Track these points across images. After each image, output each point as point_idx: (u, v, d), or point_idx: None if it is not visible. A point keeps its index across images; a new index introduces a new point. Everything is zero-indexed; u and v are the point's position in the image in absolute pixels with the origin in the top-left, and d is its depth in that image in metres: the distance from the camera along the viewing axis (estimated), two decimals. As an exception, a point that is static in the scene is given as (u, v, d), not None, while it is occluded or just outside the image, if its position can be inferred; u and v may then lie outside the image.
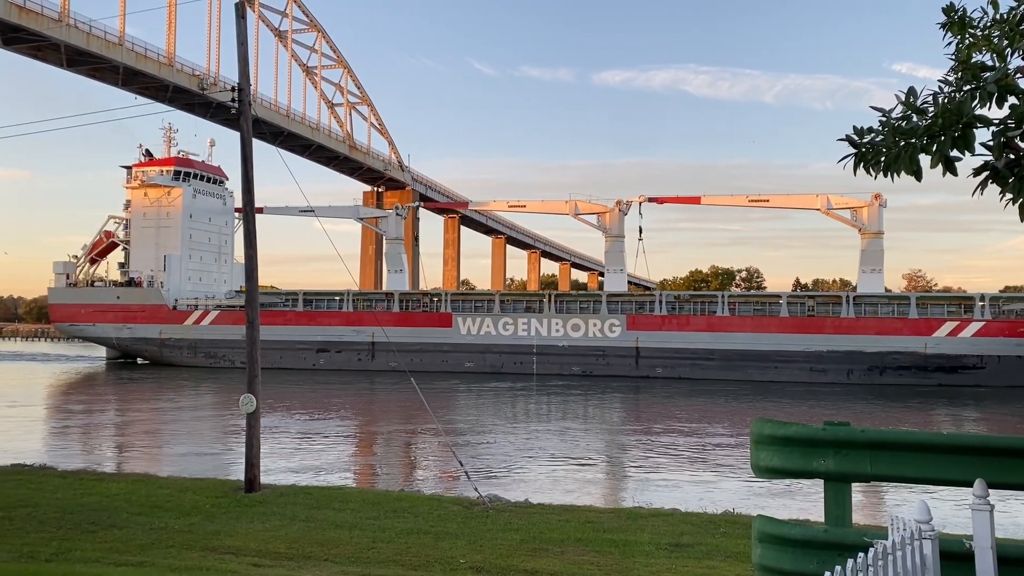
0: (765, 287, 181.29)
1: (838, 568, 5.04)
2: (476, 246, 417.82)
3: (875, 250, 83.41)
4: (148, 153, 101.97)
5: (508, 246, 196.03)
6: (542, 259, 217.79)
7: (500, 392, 63.35)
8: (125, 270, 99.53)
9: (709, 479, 27.72)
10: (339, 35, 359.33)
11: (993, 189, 5.60)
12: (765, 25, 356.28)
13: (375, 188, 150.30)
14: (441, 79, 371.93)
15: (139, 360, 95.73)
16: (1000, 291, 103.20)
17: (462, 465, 21.19)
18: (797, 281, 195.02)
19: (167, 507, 16.08)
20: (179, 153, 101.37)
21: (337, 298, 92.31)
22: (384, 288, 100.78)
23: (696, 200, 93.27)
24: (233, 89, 19.60)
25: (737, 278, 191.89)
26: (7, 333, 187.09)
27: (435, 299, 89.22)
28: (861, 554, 5.34)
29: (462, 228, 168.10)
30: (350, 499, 17.15)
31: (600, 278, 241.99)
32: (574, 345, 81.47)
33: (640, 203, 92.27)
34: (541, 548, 13.05)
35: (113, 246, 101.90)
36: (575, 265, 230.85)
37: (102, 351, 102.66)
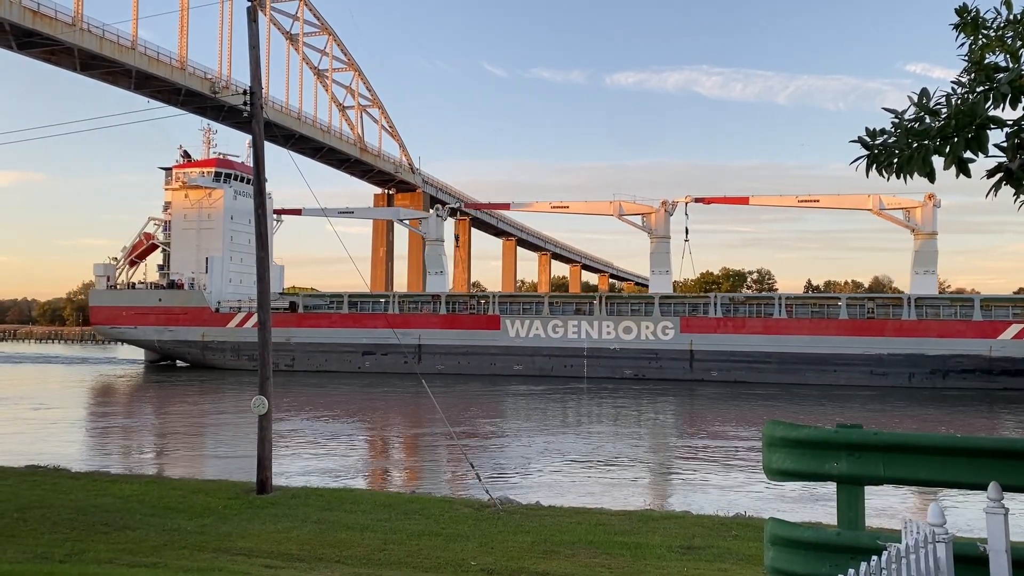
0: (776, 289, 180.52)
1: (851, 571, 5.02)
2: (486, 248, 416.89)
3: (929, 251, 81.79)
4: (186, 154, 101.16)
5: (519, 248, 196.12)
6: (553, 261, 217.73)
7: (549, 395, 62.32)
8: (165, 272, 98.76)
9: (746, 482, 27.42)
10: (351, 38, 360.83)
11: (1007, 191, 5.57)
12: (778, 26, 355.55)
13: (386, 191, 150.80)
14: (453, 81, 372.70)
15: (178, 363, 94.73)
16: (1015, 292, 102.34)
17: (473, 467, 21.21)
18: (809, 283, 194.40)
19: (180, 508, 16.16)
20: (218, 154, 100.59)
21: (383, 300, 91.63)
22: (426, 290, 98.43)
23: (744, 200, 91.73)
24: (245, 92, 19.70)
25: (748, 279, 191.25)
26: (21, 335, 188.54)
27: (482, 301, 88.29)
28: (874, 557, 5.32)
29: (472, 230, 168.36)
30: (361, 501, 17.19)
31: (611, 280, 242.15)
32: (626, 348, 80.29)
33: (686, 203, 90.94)
34: (552, 550, 13.04)
35: (153, 248, 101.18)
36: (586, 267, 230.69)
37: (127, 352, 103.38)
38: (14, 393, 59.43)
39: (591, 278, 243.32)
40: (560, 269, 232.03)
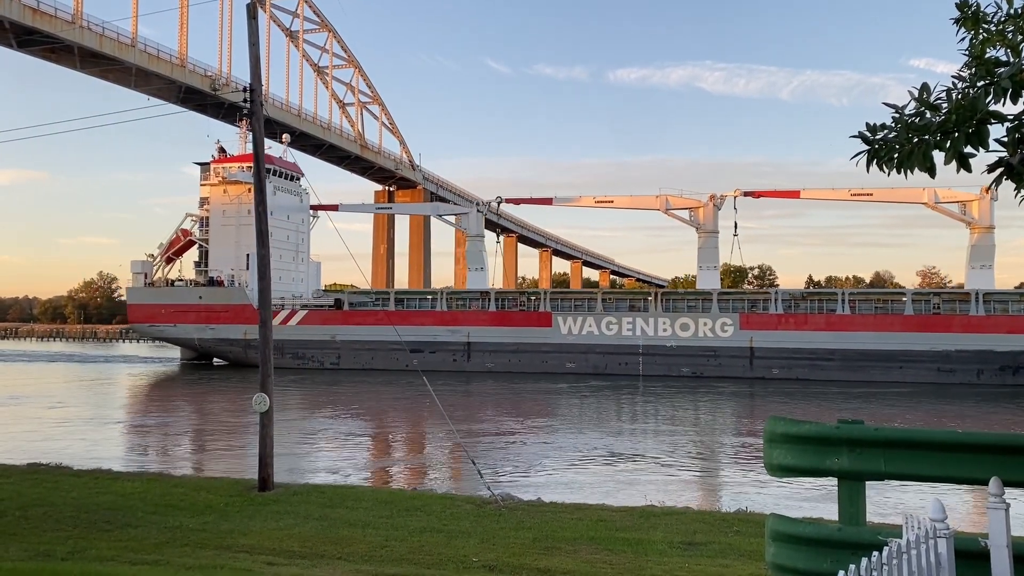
0: (778, 285, 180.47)
1: (852, 567, 5.01)
2: (487, 245, 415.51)
3: (986, 245, 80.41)
4: (222, 150, 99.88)
5: (519, 244, 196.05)
6: (554, 257, 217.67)
7: (603, 393, 61.35)
8: (202, 269, 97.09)
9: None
10: (352, 35, 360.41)
11: (1008, 185, 5.56)
12: (782, 21, 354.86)
13: (386, 187, 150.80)
14: (456, 78, 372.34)
15: (215, 361, 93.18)
16: (1016, 287, 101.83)
17: (474, 464, 21.21)
18: (810, 278, 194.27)
19: (181, 506, 16.17)
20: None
21: (430, 297, 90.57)
22: (468, 286, 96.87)
23: (795, 194, 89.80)
24: (245, 90, 19.68)
25: (750, 275, 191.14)
26: (23, 333, 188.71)
27: (533, 298, 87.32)
28: (875, 553, 5.32)
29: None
30: (363, 498, 17.20)
31: (612, 276, 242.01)
32: (683, 345, 78.85)
33: (735, 197, 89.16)
34: (554, 547, 13.05)
35: (190, 244, 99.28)
36: (586, 264, 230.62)
37: (129, 349, 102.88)
38: (93, 402, 56.84)
39: (592, 274, 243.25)
40: (560, 266, 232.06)
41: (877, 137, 5.50)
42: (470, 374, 79.12)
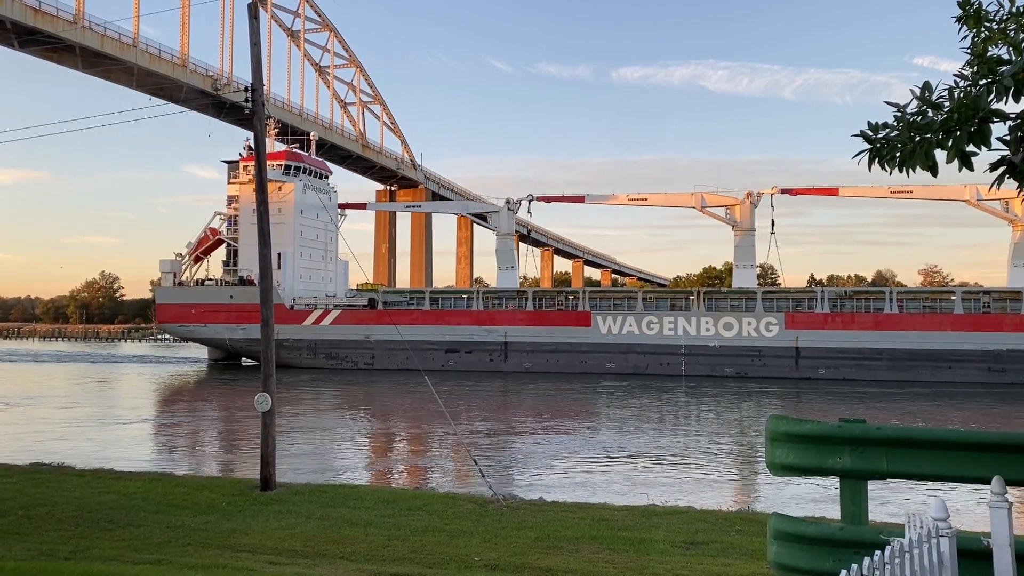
0: (780, 283, 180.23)
1: (854, 566, 5.01)
2: (489, 245, 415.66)
3: None
4: (251, 148, 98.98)
5: (520, 243, 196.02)
6: (555, 256, 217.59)
7: (644, 394, 60.57)
8: (230, 268, 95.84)
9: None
10: (355, 34, 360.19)
11: (1009, 183, 5.55)
12: (785, 19, 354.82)
13: (388, 187, 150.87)
14: (459, 77, 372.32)
15: (244, 361, 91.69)
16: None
17: (476, 463, 21.21)
18: (812, 277, 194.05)
19: (184, 505, 16.19)
20: (289, 147, 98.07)
21: (465, 296, 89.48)
22: (498, 285, 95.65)
23: (834, 191, 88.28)
24: (246, 89, 19.69)
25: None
26: (25, 333, 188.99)
27: (571, 297, 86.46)
28: (877, 552, 5.31)
29: (475, 227, 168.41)
30: (365, 497, 17.21)
31: (613, 275, 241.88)
32: (726, 345, 77.70)
33: (772, 195, 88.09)
34: (556, 546, 13.05)
35: (219, 243, 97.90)
36: (588, 263, 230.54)
37: (130, 350, 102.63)
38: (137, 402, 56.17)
39: (593, 274, 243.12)
40: (562, 265, 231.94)
41: (879, 136, 5.49)
42: (507, 374, 78.14)
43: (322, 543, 13.31)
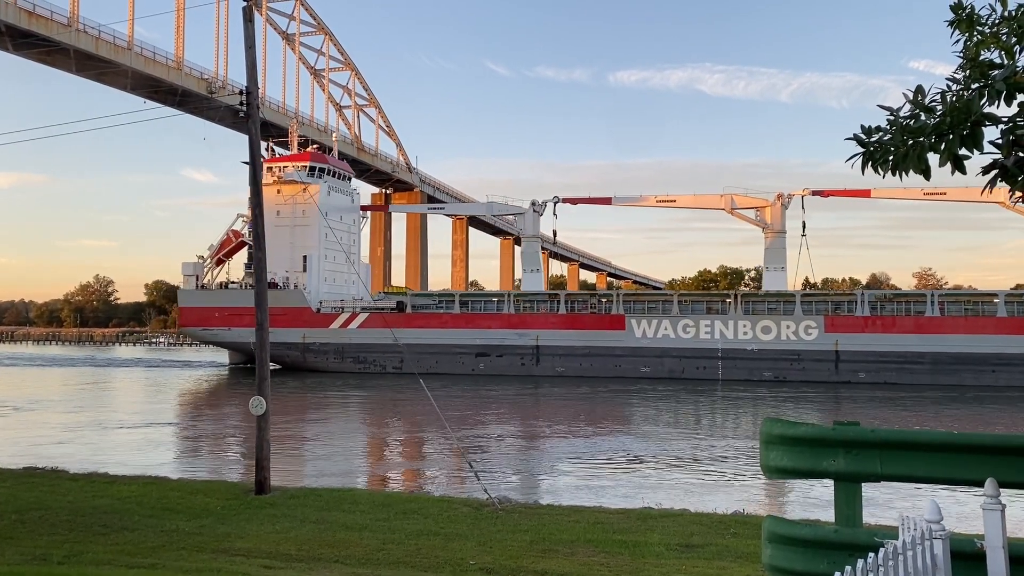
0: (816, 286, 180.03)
1: (848, 568, 5.02)
2: (485, 248, 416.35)
3: None
4: (273, 149, 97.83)
5: (516, 247, 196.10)
6: (551, 260, 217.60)
7: (681, 398, 59.98)
8: (251, 271, 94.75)
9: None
10: (351, 38, 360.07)
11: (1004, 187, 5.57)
12: (782, 23, 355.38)
13: (383, 190, 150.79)
14: (455, 80, 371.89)
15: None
16: (1011, 289, 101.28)
17: (471, 467, 21.20)
18: (806, 280, 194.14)
19: (178, 509, 16.15)
20: (314, 148, 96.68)
21: (495, 299, 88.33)
22: (523, 288, 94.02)
23: (866, 193, 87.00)
24: (241, 93, 19.69)
25: (746, 277, 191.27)
26: (19, 337, 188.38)
27: (604, 300, 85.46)
28: (872, 554, 5.32)
29: (471, 229, 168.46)
30: (360, 501, 17.19)
31: (608, 278, 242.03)
32: (764, 348, 76.63)
33: (803, 196, 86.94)
34: (551, 549, 13.05)
35: (241, 245, 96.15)
36: (583, 266, 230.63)
37: (126, 352, 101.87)
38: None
39: (588, 277, 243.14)
40: (557, 267, 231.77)
41: (872, 139, 5.51)
42: (539, 378, 77.28)
43: (317, 547, 13.28)
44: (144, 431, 40.90)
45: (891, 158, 5.43)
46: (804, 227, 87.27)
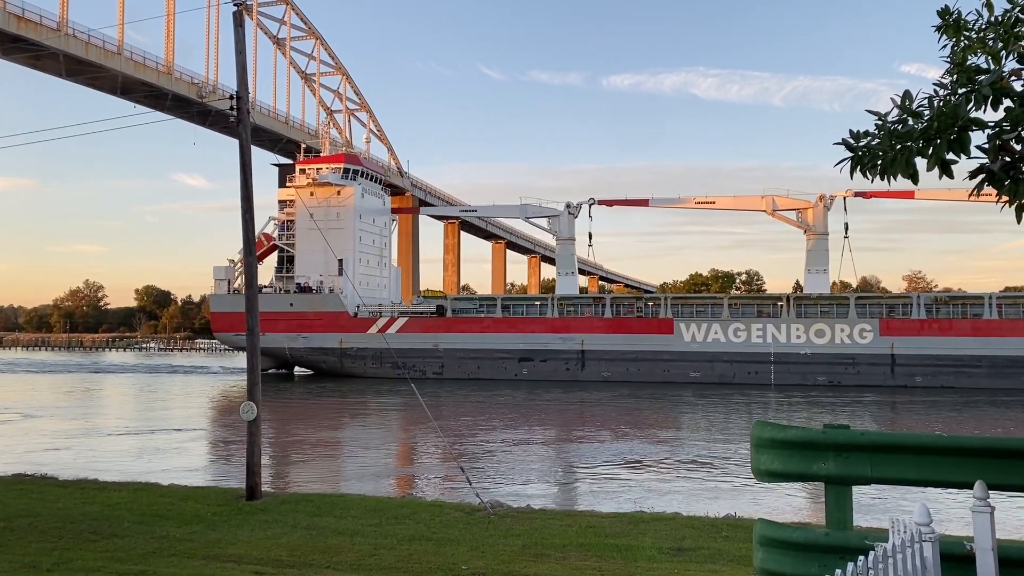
0: (765, 290, 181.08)
1: (839, 571, 5.04)
2: (475, 252, 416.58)
3: None
4: (307, 151, 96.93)
5: (508, 251, 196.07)
6: (542, 264, 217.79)
7: (733, 402, 59.25)
8: (282, 275, 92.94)
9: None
10: (343, 42, 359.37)
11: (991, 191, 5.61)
12: (775, 27, 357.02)
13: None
14: (449, 84, 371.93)
15: (296, 371, 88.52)
16: (1000, 292, 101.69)
17: (463, 471, 21.17)
18: (797, 284, 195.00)
19: (168, 516, 16.07)
20: (345, 150, 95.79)
21: (538, 303, 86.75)
22: (557, 291, 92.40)
23: (910, 194, 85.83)
24: (231, 97, 19.65)
25: (737, 280, 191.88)
26: (8, 342, 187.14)
27: (652, 303, 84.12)
28: (862, 557, 5.34)
29: (462, 233, 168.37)
30: (352, 506, 17.14)
31: (600, 282, 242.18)
32: (818, 353, 75.24)
33: (845, 198, 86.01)
34: (543, 554, 13.04)
35: (272, 249, 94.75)
36: (581, 271, 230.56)
37: (116, 357, 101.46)
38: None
39: (580, 281, 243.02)
40: (549, 271, 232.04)
41: (860, 144, 5.54)
42: (584, 383, 76.06)
43: (308, 552, 13.24)
44: (147, 437, 40.73)
45: (879, 163, 5.46)
46: (847, 229, 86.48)
